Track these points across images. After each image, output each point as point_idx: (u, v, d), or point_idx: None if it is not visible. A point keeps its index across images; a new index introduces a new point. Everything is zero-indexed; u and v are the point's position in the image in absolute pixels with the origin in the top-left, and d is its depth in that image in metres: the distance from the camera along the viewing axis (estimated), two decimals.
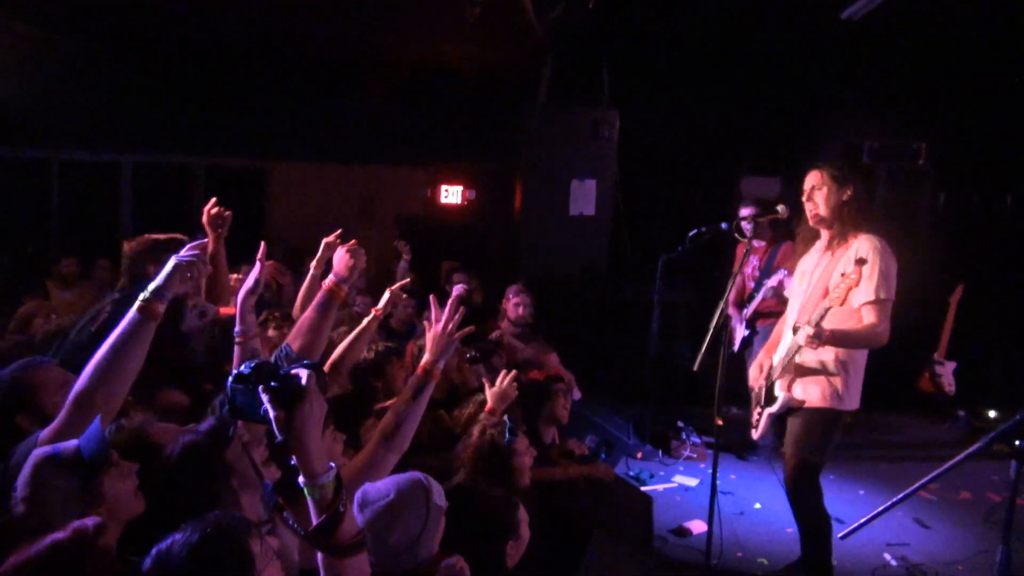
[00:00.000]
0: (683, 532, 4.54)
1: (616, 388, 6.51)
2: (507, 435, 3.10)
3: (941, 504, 5.09)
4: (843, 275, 3.24)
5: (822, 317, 3.27)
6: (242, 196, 9.01)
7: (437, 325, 2.50)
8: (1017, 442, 2.08)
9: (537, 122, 7.13)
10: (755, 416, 3.93)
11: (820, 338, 3.27)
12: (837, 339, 3.36)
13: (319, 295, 2.75)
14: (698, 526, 4.51)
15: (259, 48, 7.73)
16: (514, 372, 3.51)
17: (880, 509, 2.26)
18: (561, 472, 3.94)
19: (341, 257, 2.76)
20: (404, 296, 4.77)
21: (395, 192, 9.30)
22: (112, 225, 8.93)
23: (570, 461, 4.16)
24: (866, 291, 3.36)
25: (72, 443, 1.87)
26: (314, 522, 1.52)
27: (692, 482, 5.36)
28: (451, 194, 8.65)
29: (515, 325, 5.45)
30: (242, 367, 1.58)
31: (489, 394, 3.42)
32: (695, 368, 3.68)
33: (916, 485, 2.22)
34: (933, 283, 6.93)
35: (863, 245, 3.46)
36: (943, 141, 7.18)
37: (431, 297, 2.68)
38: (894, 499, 2.22)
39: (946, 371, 6.76)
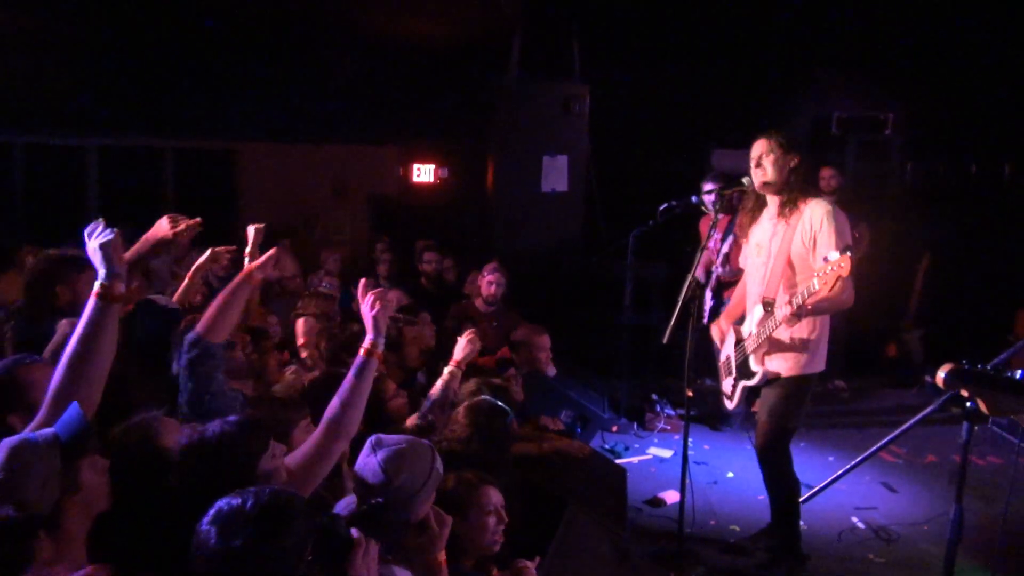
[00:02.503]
0: (657, 502, 4.62)
1: (590, 363, 6.56)
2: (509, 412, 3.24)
3: (908, 468, 5.22)
4: (827, 260, 3.24)
5: (804, 299, 3.32)
6: (212, 178, 8.90)
7: (362, 305, 2.56)
8: (968, 403, 2.14)
9: (507, 98, 7.09)
10: (728, 387, 3.99)
11: (801, 315, 3.39)
12: (816, 311, 3.44)
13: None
14: (672, 496, 4.58)
15: (225, 27, 7.59)
16: (473, 330, 3.64)
17: (838, 473, 2.32)
18: (535, 447, 3.99)
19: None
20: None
21: (367, 172, 9.21)
22: (79, 210, 8.79)
23: (545, 436, 4.22)
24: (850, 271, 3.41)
25: (49, 430, 1.86)
26: None
27: (667, 453, 5.43)
28: (423, 173, 8.60)
29: (487, 303, 5.47)
30: None
31: (457, 346, 3.51)
32: (664, 340, 3.74)
33: (872, 449, 2.29)
34: (901, 251, 7.05)
35: (816, 210, 3.54)
36: (909, 111, 7.26)
37: (362, 281, 2.78)
38: (850, 464, 2.28)
39: (913, 338, 6.89)
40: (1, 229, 7.29)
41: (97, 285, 2.06)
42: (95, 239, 2.11)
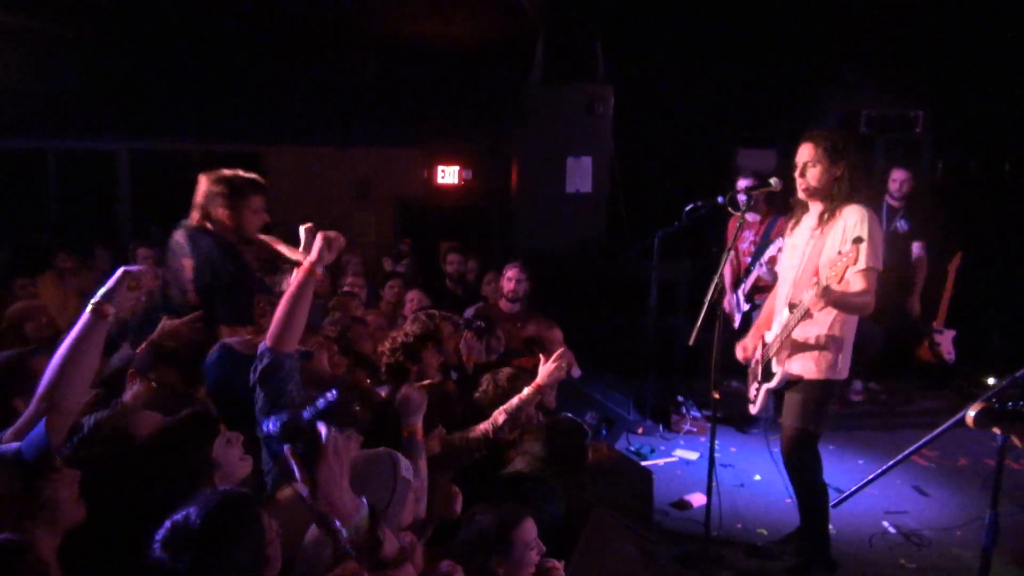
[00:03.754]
0: (683, 505, 4.59)
1: (616, 364, 6.53)
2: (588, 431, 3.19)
3: (939, 471, 5.13)
4: (840, 253, 3.23)
5: (825, 287, 3.28)
6: None
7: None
8: (997, 407, 2.11)
9: (531, 100, 7.09)
10: (752, 391, 3.96)
11: (828, 296, 3.30)
12: (838, 301, 3.39)
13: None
14: (698, 499, 4.55)
15: (252, 31, 7.68)
16: (564, 350, 3.58)
17: (869, 478, 2.29)
18: None
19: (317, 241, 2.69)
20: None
21: (392, 174, 9.28)
22: (110, 213, 8.94)
23: None
24: (856, 260, 3.37)
25: (13, 445, 1.84)
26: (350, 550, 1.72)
27: (693, 456, 5.40)
28: (448, 174, 8.65)
29: (510, 302, 5.45)
30: (270, 424, 1.75)
31: (541, 369, 3.46)
32: (691, 342, 3.70)
33: (903, 454, 2.25)
34: (932, 251, 6.94)
35: (851, 216, 3.48)
36: (940, 109, 7.15)
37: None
38: (882, 468, 2.25)
39: (945, 339, 6.76)
40: (36, 233, 7.43)
41: (92, 301, 2.22)
42: (128, 269, 2.31)
